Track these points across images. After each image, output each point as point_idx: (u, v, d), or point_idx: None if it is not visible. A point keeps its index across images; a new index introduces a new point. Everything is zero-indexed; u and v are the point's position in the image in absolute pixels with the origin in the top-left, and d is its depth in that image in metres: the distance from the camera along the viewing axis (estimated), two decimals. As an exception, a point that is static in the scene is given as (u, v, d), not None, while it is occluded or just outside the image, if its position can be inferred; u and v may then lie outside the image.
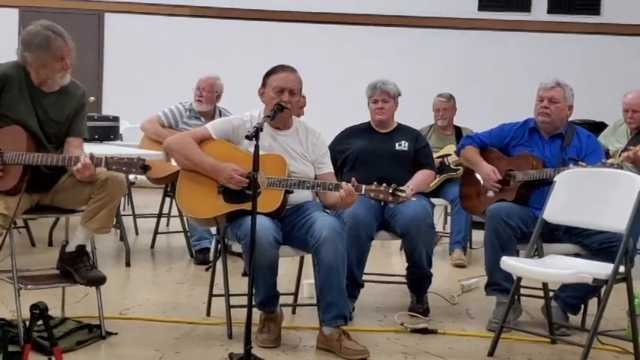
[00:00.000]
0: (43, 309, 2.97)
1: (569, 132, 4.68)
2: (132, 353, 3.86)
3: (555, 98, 4.64)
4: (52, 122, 3.95)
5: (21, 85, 3.88)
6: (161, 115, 6.19)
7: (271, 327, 4.06)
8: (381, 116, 4.99)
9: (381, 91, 4.98)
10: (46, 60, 3.84)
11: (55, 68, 3.87)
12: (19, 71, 3.90)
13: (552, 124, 4.67)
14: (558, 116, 4.65)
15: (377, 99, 4.98)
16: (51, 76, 3.90)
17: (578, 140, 4.65)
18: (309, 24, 11.20)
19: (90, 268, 3.93)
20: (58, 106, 3.97)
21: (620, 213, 3.88)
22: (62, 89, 3.98)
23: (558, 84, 4.66)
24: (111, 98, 11.01)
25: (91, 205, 3.89)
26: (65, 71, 3.91)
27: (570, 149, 4.61)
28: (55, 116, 3.95)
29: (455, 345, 4.20)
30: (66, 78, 3.95)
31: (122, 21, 11.23)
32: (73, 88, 4.05)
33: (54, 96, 3.97)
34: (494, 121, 5.21)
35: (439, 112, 6.86)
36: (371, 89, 5.03)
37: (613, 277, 3.75)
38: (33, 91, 3.92)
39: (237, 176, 3.97)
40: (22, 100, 3.88)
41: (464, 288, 5.38)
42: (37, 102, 3.91)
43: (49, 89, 3.96)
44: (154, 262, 6.14)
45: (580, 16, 11.25)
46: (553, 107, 4.63)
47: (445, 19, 11.20)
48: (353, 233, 4.41)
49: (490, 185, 4.74)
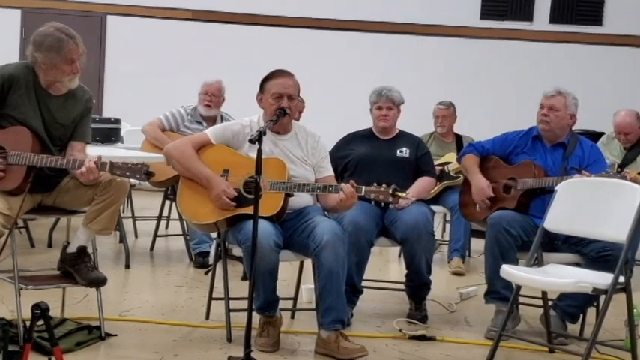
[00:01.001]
0: (44, 309, 2.98)
1: (571, 141, 4.68)
2: (131, 355, 3.86)
3: (555, 106, 4.64)
4: (58, 125, 3.95)
5: (28, 86, 3.89)
6: (162, 118, 6.18)
7: (270, 331, 4.07)
8: (384, 123, 5.00)
9: (386, 98, 4.99)
10: (56, 62, 3.84)
11: (64, 71, 3.87)
12: (27, 72, 3.91)
13: (552, 132, 4.67)
14: (558, 124, 4.66)
15: (381, 105, 4.99)
16: (59, 78, 3.90)
17: (580, 150, 4.66)
18: (309, 30, 11.22)
19: (91, 269, 3.94)
20: (65, 109, 3.97)
21: (620, 223, 3.89)
22: (70, 92, 3.98)
23: (559, 92, 4.67)
24: (112, 100, 11.02)
25: (94, 206, 3.89)
26: (75, 75, 3.91)
27: (573, 159, 4.61)
28: (60, 119, 3.95)
29: (453, 352, 4.21)
30: (75, 81, 3.95)
31: (124, 23, 11.25)
32: (80, 92, 4.05)
33: (61, 99, 3.97)
34: (494, 129, 5.23)
35: (438, 119, 6.87)
36: (376, 95, 5.03)
37: (612, 286, 3.75)
38: (40, 92, 3.92)
39: (225, 198, 3.99)
40: (28, 101, 3.88)
41: (462, 296, 5.39)
42: (44, 104, 3.91)
43: (57, 92, 3.96)
44: (153, 265, 6.15)
45: (582, 27, 11.28)
46: (552, 115, 4.63)
47: (447, 28, 11.22)
48: (353, 239, 4.41)
49: (479, 200, 4.74)
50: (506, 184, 4.69)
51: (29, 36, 4.02)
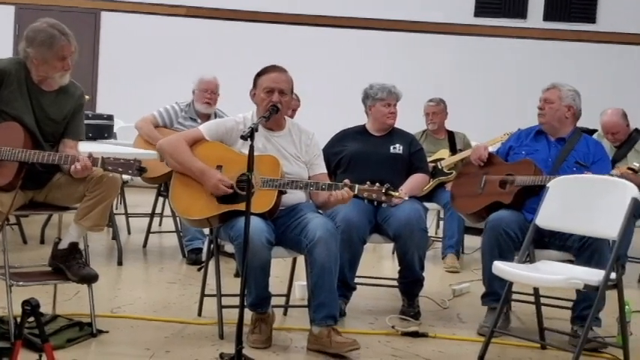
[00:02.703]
0: (35, 305, 2.96)
1: (574, 136, 4.69)
2: (122, 351, 3.85)
3: (549, 99, 4.67)
4: (49, 120, 3.94)
5: (20, 82, 3.87)
6: (156, 114, 6.16)
7: (262, 328, 4.06)
8: (393, 120, 5.01)
9: (395, 95, 5.00)
10: (47, 57, 3.83)
11: (55, 67, 3.86)
12: (19, 67, 3.89)
13: (549, 124, 4.68)
14: (554, 116, 4.67)
15: (390, 102, 4.98)
16: (51, 74, 3.89)
17: (585, 146, 4.66)
18: (304, 26, 11.21)
19: (82, 266, 3.93)
20: (57, 105, 3.96)
21: (612, 220, 3.90)
22: (61, 89, 3.97)
23: (554, 85, 4.72)
24: (105, 97, 11.00)
25: (85, 202, 3.88)
26: (66, 72, 3.90)
27: (576, 154, 4.61)
28: (52, 115, 3.94)
29: (445, 349, 4.21)
30: (65, 78, 3.94)
31: (118, 20, 11.24)
32: (72, 88, 4.04)
33: (52, 94, 3.95)
34: (488, 126, 5.25)
35: (429, 116, 6.87)
36: (386, 93, 5.00)
37: (604, 283, 3.76)
38: (32, 88, 3.90)
39: (223, 187, 3.98)
40: (20, 96, 3.86)
41: (455, 292, 5.39)
42: (36, 99, 3.90)
43: (49, 88, 3.95)
44: (145, 262, 6.14)
45: (576, 24, 11.29)
46: (547, 108, 4.67)
47: (441, 25, 11.22)
48: (346, 236, 4.41)
49: (475, 158, 4.87)
50: (503, 180, 4.69)
51: (23, 32, 4.00)
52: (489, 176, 4.77)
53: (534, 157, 4.65)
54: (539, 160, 4.63)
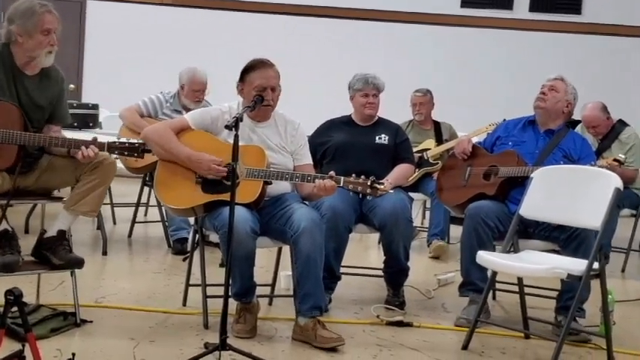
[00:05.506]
0: (17, 295, 2.94)
1: (562, 131, 4.70)
2: (106, 341, 3.83)
3: (556, 87, 4.70)
4: (35, 106, 3.90)
5: (5, 67, 3.83)
6: (140, 103, 6.12)
7: (247, 317, 4.06)
8: (372, 111, 4.99)
9: (372, 85, 4.98)
10: (30, 30, 3.78)
11: (41, 42, 3.81)
12: (3, 51, 3.85)
13: (546, 111, 4.69)
14: (554, 106, 4.68)
15: (368, 93, 4.98)
16: (37, 52, 3.84)
17: (572, 141, 4.67)
18: (291, 16, 11.20)
19: (69, 251, 3.91)
20: (41, 90, 3.93)
21: (595, 210, 3.92)
22: (44, 72, 3.94)
23: (562, 78, 4.75)
24: (91, 86, 10.97)
25: (81, 187, 3.87)
26: (52, 47, 3.86)
27: (563, 146, 4.62)
28: (37, 100, 3.91)
29: (430, 338, 4.23)
30: (50, 58, 3.89)
31: (104, 9, 11.19)
32: (54, 72, 4.01)
33: (36, 79, 3.92)
34: (473, 117, 5.26)
35: (416, 106, 6.88)
36: (362, 82, 5.00)
37: (587, 273, 3.78)
38: (16, 73, 3.86)
39: (216, 166, 3.97)
40: (6, 82, 3.82)
41: (440, 282, 5.41)
42: (21, 84, 3.86)
43: (32, 71, 3.90)
44: (131, 252, 6.12)
45: (561, 15, 11.34)
46: (551, 95, 4.68)
47: (427, 15, 11.23)
48: (331, 225, 4.42)
49: (459, 152, 4.93)
50: (487, 171, 4.70)
51: (7, 18, 3.97)
52: (473, 168, 4.78)
53: (521, 148, 4.66)
54: (526, 151, 4.64)
